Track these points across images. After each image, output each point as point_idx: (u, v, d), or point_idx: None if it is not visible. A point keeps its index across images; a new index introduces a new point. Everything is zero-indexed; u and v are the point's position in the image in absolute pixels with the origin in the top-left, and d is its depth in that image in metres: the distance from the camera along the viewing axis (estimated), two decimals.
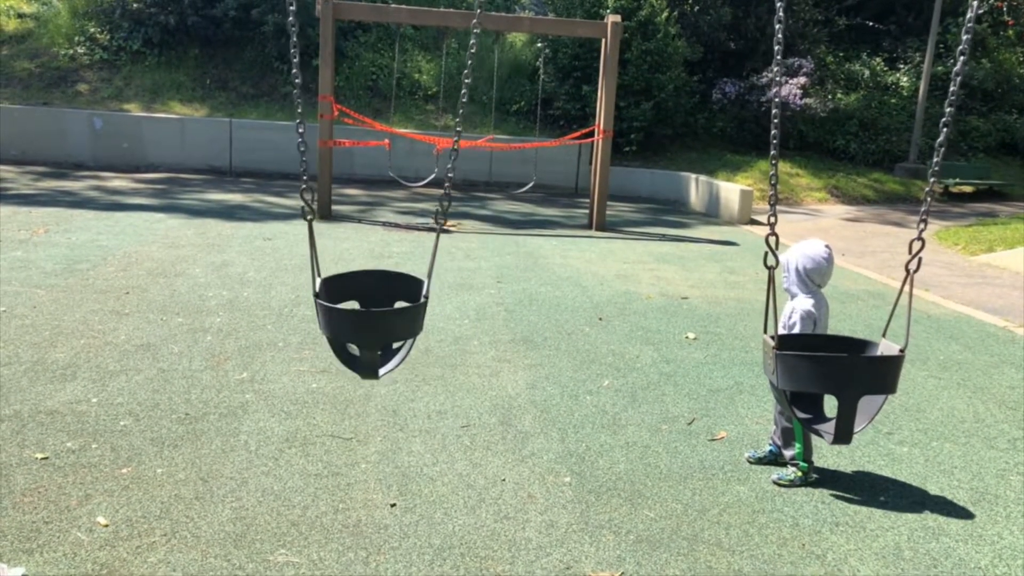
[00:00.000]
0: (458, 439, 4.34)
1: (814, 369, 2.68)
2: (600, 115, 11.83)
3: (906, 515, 3.78)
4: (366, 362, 2.75)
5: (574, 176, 16.47)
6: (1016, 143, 19.77)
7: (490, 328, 6.45)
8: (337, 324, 2.71)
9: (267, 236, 9.78)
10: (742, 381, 5.50)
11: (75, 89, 16.51)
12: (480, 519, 3.53)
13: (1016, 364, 6.22)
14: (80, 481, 3.64)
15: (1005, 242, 11.54)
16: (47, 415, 4.31)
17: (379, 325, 2.73)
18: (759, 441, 4.48)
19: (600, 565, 3.23)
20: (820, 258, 3.98)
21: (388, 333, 2.78)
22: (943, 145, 2.59)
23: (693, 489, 3.92)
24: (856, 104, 19.08)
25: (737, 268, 9.56)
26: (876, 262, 10.54)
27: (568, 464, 4.11)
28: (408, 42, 18.81)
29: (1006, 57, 21.18)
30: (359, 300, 2.96)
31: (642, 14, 16.48)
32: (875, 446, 4.54)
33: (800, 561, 3.34)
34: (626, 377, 5.47)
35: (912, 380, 5.68)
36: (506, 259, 9.33)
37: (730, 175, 16.23)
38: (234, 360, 5.35)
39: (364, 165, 15.84)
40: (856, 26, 21.57)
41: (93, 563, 3.04)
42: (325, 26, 11.18)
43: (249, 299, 6.87)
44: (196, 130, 15.82)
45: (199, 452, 4.01)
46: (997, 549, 3.51)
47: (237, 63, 17.81)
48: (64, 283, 6.99)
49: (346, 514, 3.51)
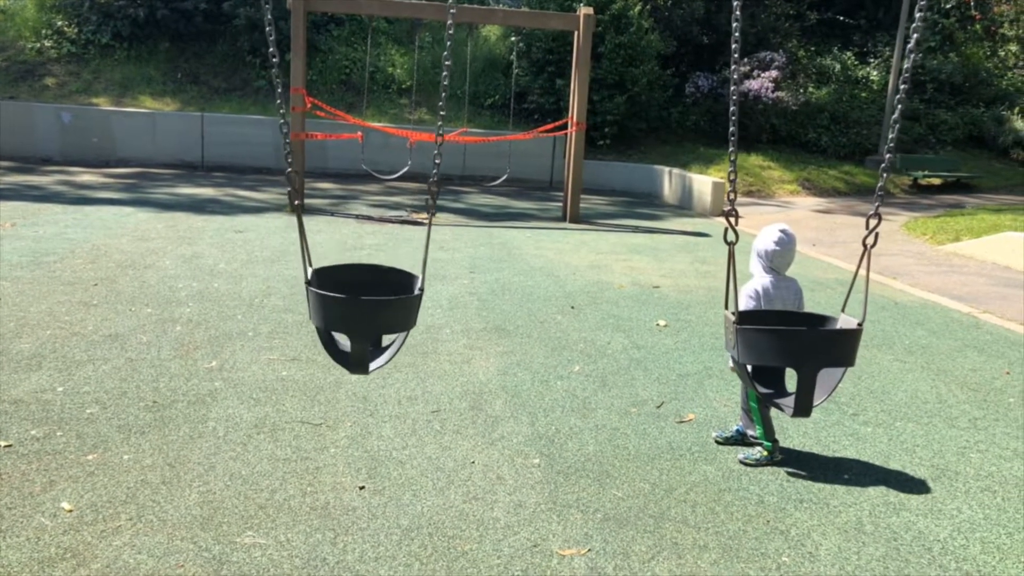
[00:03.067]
0: (428, 424, 4.35)
1: (774, 343, 2.72)
2: (573, 108, 11.86)
3: (868, 491, 3.84)
4: (356, 355, 2.65)
5: (548, 170, 16.51)
6: (983, 136, 20.09)
7: (462, 317, 6.46)
8: (330, 312, 2.61)
9: (238, 229, 9.72)
10: (711, 366, 5.56)
11: (42, 83, 16.29)
12: (449, 500, 3.55)
13: (979, 348, 6.33)
14: (44, 468, 3.61)
15: (971, 232, 11.73)
16: (11, 404, 4.26)
17: (373, 314, 2.63)
18: (727, 423, 4.53)
19: (567, 543, 3.26)
20: (770, 241, 4.02)
21: (382, 323, 2.69)
22: (897, 122, 2.64)
23: (661, 469, 3.96)
24: (827, 98, 19.29)
25: (708, 258, 9.64)
26: (846, 251, 10.67)
27: (537, 446, 4.14)
28: (381, 36, 18.74)
29: (973, 52, 21.51)
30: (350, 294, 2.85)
31: (615, 7, 16.55)
32: (840, 426, 4.61)
33: (764, 537, 3.39)
34: (597, 363, 5.50)
35: (878, 364, 5.77)
36: (480, 250, 9.34)
37: (703, 168, 16.35)
38: (203, 349, 5.32)
39: (337, 159, 15.77)
40: (827, 21, 21.81)
41: (57, 547, 3.02)
42: (296, 19, 11.11)
43: (219, 290, 6.82)
44: (167, 124, 15.67)
45: (167, 439, 3.98)
46: (956, 523, 3.58)
47: (209, 57, 17.65)
48: (30, 275, 6.90)
49: (314, 497, 3.51)
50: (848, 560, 3.23)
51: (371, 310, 2.63)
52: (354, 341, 2.66)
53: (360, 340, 2.65)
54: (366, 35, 17.54)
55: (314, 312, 2.64)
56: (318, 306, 2.61)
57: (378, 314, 2.64)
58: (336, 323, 2.66)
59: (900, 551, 3.32)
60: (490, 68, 18.51)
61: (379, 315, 2.65)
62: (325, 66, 17.69)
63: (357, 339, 2.65)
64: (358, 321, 2.61)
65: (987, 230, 11.60)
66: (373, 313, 2.63)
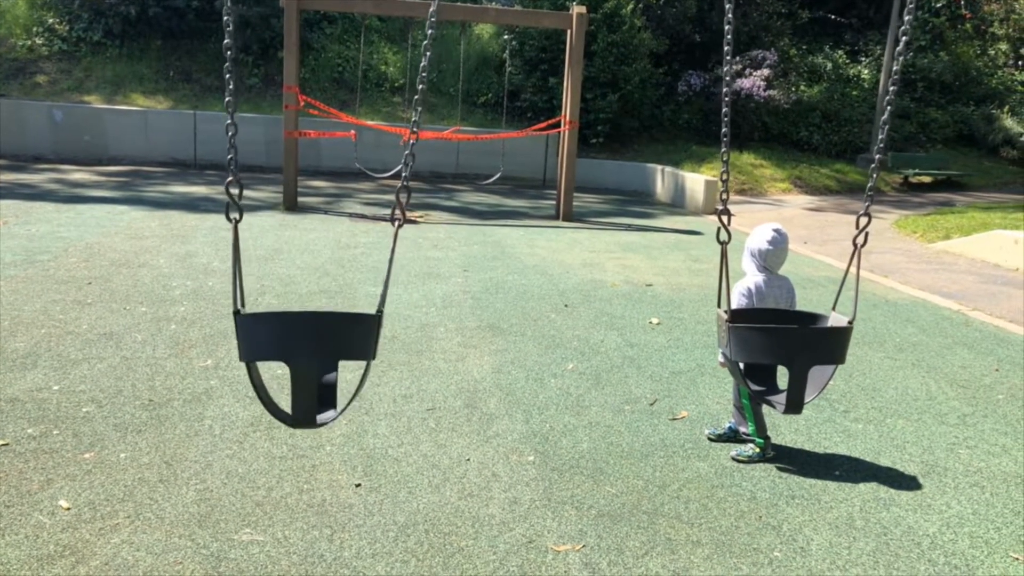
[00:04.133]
0: (423, 421, 4.38)
1: (765, 341, 2.76)
2: (566, 106, 11.89)
3: (859, 487, 3.89)
4: (300, 402, 2.24)
5: (541, 168, 16.53)
6: (973, 134, 20.21)
7: (456, 315, 6.49)
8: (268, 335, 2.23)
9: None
10: (704, 364, 5.60)
11: (33, 80, 16.23)
12: (444, 497, 3.58)
13: (968, 345, 6.40)
14: (41, 466, 3.63)
15: (961, 230, 11.81)
16: (7, 403, 4.27)
17: (326, 330, 2.26)
18: (720, 420, 4.57)
19: (562, 539, 3.29)
20: (763, 240, 4.06)
21: (336, 344, 2.28)
22: (887, 123, 2.68)
23: (654, 466, 4.00)
24: (819, 96, 19.37)
25: (701, 256, 9.69)
26: (838, 249, 10.73)
27: (532, 444, 4.17)
28: (374, 34, 18.73)
29: (964, 50, 21.62)
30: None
31: (608, 6, 16.58)
32: (831, 423, 4.66)
33: (756, 532, 3.43)
34: (590, 361, 5.54)
35: (868, 361, 5.82)
36: (473, 249, 9.36)
37: (695, 166, 16.40)
38: (198, 348, 5.34)
39: (331, 157, 15.76)
40: (819, 19, 21.90)
41: (55, 544, 3.03)
42: (290, 16, 11.10)
43: (214, 288, 6.83)
44: (159, 122, 15.63)
45: (163, 437, 4.00)
46: (945, 518, 3.63)
47: (201, 55, 17.61)
48: (24, 274, 6.89)
49: (311, 494, 3.54)
50: (839, 555, 3.28)
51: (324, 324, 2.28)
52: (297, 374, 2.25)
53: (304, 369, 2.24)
54: (359, 33, 17.53)
55: (246, 345, 2.23)
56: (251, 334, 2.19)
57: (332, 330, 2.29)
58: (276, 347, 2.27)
59: (890, 546, 3.36)
60: (483, 66, 18.52)
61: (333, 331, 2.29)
62: (318, 64, 17.67)
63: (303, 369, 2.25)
64: (306, 339, 2.22)
65: (977, 228, 11.69)
66: (326, 328, 2.28)
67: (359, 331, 2.35)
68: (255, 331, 2.28)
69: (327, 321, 2.32)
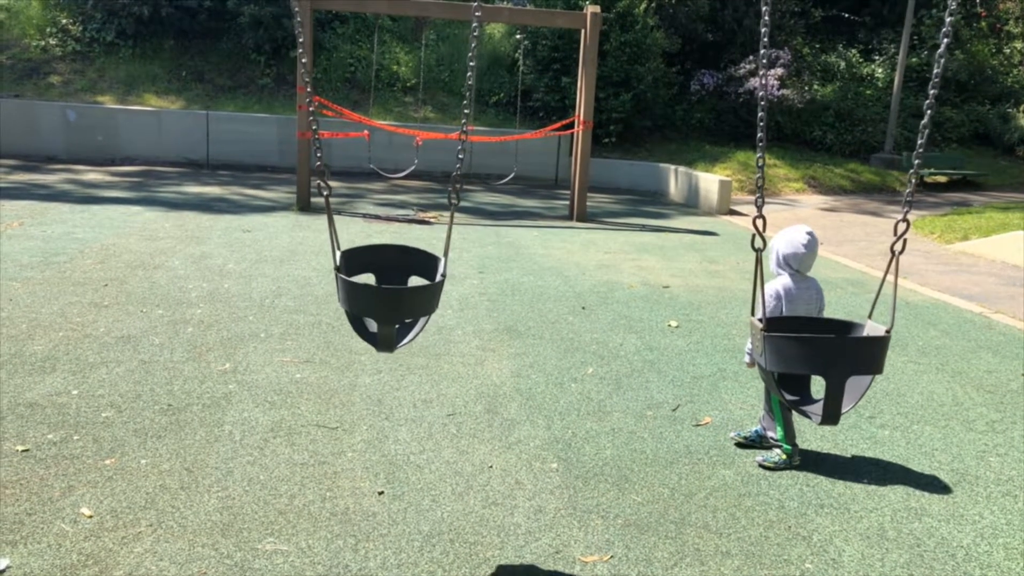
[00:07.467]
0: (444, 427, 4.34)
1: (802, 350, 2.70)
2: (580, 106, 11.82)
3: (889, 496, 3.82)
4: (384, 337, 2.81)
5: (554, 168, 16.47)
6: (989, 133, 20.04)
7: (473, 318, 6.44)
8: (357, 300, 2.77)
9: (246, 228, 9.70)
10: (725, 368, 5.54)
11: (47, 81, 16.26)
12: (468, 505, 3.53)
13: (992, 349, 6.31)
14: (63, 473, 3.60)
15: (980, 230, 11.69)
16: (27, 407, 4.25)
17: (399, 304, 2.81)
18: (744, 426, 4.51)
19: (589, 549, 3.24)
20: (798, 243, 4.01)
21: (407, 311, 2.86)
22: (927, 127, 2.62)
23: (679, 473, 3.94)
24: (832, 95, 19.24)
25: (717, 257, 9.61)
26: (854, 250, 10.65)
27: (555, 451, 4.12)
28: (386, 34, 18.70)
29: (979, 49, 21.43)
30: (376, 273, 3.03)
31: (620, 5, 16.50)
32: (857, 430, 4.59)
33: (787, 543, 3.37)
34: (610, 365, 5.48)
35: (892, 365, 5.75)
36: (488, 250, 9.32)
37: (709, 166, 16.31)
38: (216, 351, 5.31)
39: (343, 157, 15.74)
40: (832, 18, 21.74)
41: (79, 553, 3.00)
42: (303, 17, 11.07)
43: (230, 291, 6.80)
44: (172, 122, 15.64)
45: (183, 443, 3.97)
46: (978, 528, 3.56)
47: (213, 55, 17.62)
48: (40, 276, 6.88)
49: (334, 502, 3.49)
50: (872, 567, 3.21)
51: (396, 300, 2.80)
52: (380, 325, 2.82)
53: (385, 324, 2.80)
54: (371, 33, 17.51)
55: (343, 298, 2.80)
56: (345, 293, 2.77)
57: (403, 303, 2.83)
58: (363, 309, 2.84)
59: (924, 557, 3.30)
60: (495, 66, 18.46)
61: (404, 304, 2.83)
62: (330, 64, 17.64)
63: (382, 323, 2.80)
64: (384, 309, 2.78)
65: (996, 229, 11.57)
66: (397, 301, 2.81)
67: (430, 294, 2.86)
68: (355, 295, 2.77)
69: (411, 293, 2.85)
